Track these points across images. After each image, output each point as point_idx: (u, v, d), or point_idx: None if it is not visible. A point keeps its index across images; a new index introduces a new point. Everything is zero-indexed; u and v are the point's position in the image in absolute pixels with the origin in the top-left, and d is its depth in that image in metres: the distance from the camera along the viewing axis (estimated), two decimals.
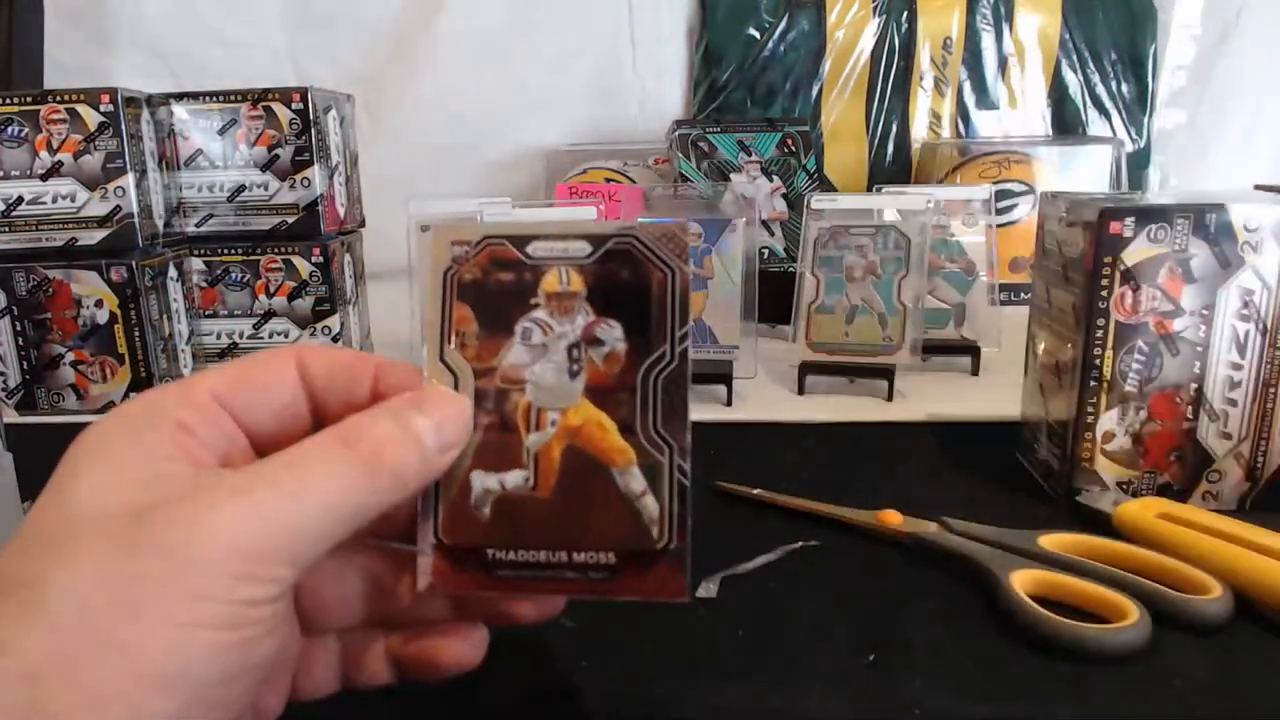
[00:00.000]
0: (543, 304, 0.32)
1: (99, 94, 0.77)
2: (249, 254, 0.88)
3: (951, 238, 0.88)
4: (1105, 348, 0.53)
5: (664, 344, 0.31)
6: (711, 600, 0.47)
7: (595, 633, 0.44)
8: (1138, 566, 0.46)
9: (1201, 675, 0.40)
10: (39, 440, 0.74)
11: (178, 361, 0.84)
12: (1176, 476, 0.55)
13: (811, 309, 0.81)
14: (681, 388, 0.32)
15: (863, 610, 0.46)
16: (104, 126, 0.77)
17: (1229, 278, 0.52)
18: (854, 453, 0.69)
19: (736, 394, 0.78)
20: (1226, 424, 0.54)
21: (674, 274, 0.31)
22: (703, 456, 0.67)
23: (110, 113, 0.77)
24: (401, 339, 0.94)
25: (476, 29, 1.32)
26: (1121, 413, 0.54)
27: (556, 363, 0.32)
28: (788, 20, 1.28)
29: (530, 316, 0.32)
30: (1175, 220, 0.51)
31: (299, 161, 0.86)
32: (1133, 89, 1.28)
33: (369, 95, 1.30)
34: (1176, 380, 0.53)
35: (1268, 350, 0.52)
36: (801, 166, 1.06)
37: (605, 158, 1.24)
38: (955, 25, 1.28)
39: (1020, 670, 0.41)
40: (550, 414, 0.32)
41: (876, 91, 1.30)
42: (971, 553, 0.48)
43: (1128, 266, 0.52)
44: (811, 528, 0.54)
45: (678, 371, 0.31)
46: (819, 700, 0.39)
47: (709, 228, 0.80)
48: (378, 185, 1.05)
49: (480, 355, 0.32)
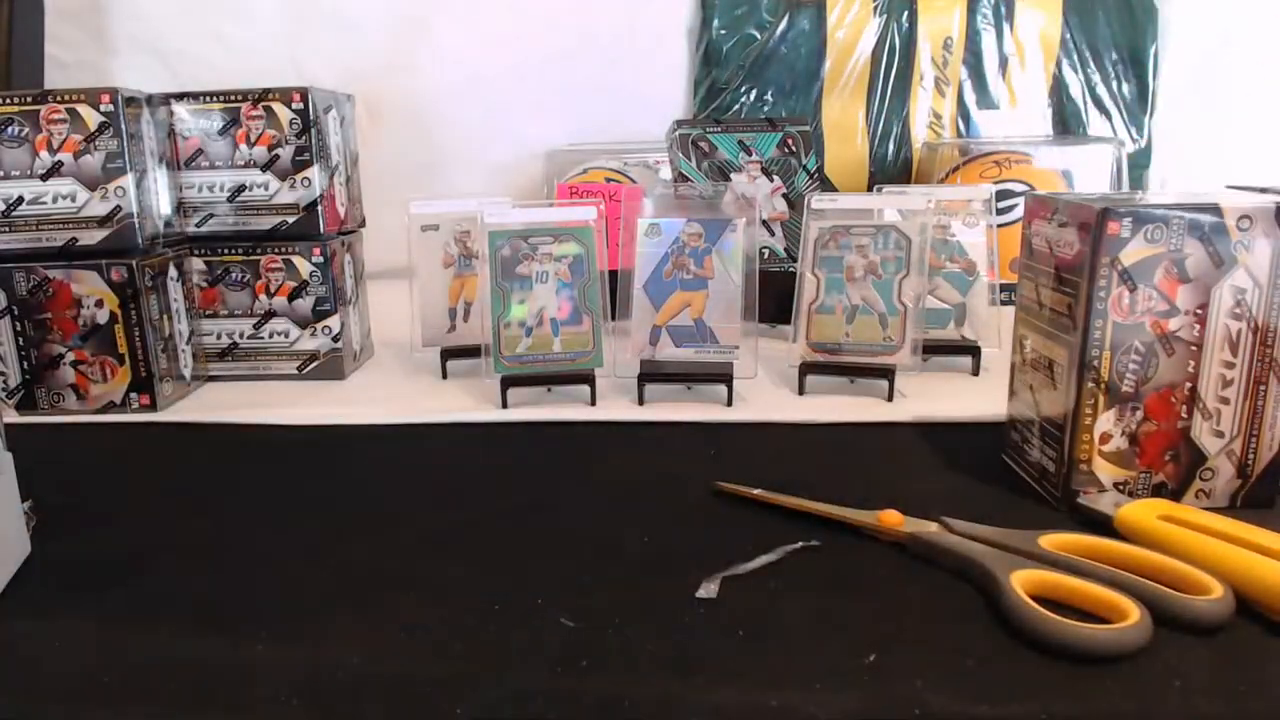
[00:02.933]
0: None
1: (99, 94, 0.77)
2: (249, 254, 0.88)
3: (952, 238, 0.88)
4: (1103, 349, 0.53)
5: None
6: (711, 600, 0.47)
7: (595, 633, 0.44)
8: (1138, 567, 0.46)
9: (1201, 675, 0.40)
10: (39, 440, 0.74)
11: (178, 361, 0.84)
12: (1171, 475, 0.55)
13: (811, 309, 0.81)
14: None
15: (863, 610, 0.46)
16: (104, 126, 0.77)
17: (1222, 277, 0.52)
18: (854, 453, 0.69)
19: (736, 394, 0.78)
20: (1219, 422, 0.54)
21: None
22: (703, 456, 0.68)
23: (110, 113, 0.77)
24: (402, 339, 0.94)
25: (476, 29, 1.32)
26: (1119, 414, 0.54)
27: None
28: (788, 20, 1.28)
29: None
30: (1171, 220, 0.51)
31: (299, 161, 0.86)
32: (1133, 89, 1.28)
33: (369, 95, 1.30)
34: (1171, 380, 0.53)
35: (1259, 348, 0.53)
36: (802, 166, 1.06)
37: (605, 158, 1.24)
38: (956, 25, 1.28)
39: (1020, 670, 0.41)
40: None
41: (876, 91, 1.30)
42: (972, 553, 0.48)
43: (1125, 267, 0.52)
44: (811, 528, 0.54)
45: None
46: (819, 700, 0.39)
47: (709, 228, 0.80)
48: (378, 185, 1.05)
49: None
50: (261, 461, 0.70)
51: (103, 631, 0.46)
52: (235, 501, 0.62)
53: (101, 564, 0.53)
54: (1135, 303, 0.52)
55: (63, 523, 0.57)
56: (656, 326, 0.80)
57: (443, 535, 0.56)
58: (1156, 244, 0.51)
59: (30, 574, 0.51)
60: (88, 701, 0.40)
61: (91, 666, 0.42)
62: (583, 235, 0.79)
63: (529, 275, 0.79)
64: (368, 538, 0.56)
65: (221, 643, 0.44)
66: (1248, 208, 0.51)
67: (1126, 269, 0.52)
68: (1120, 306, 0.52)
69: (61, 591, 0.50)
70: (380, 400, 0.84)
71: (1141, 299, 0.52)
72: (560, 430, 0.75)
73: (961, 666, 0.41)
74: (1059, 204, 0.56)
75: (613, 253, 0.86)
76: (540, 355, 0.79)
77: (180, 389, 0.85)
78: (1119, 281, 0.52)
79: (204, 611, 0.48)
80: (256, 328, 0.90)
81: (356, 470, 0.68)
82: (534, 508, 0.59)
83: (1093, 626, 0.42)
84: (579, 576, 0.50)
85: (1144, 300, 0.52)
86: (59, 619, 0.47)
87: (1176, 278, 0.52)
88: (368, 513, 0.60)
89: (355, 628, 0.45)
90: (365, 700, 0.40)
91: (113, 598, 0.49)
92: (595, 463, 0.67)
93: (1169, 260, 0.52)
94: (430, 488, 0.64)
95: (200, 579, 0.51)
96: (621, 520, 0.57)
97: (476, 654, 0.43)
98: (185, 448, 0.74)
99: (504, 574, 0.50)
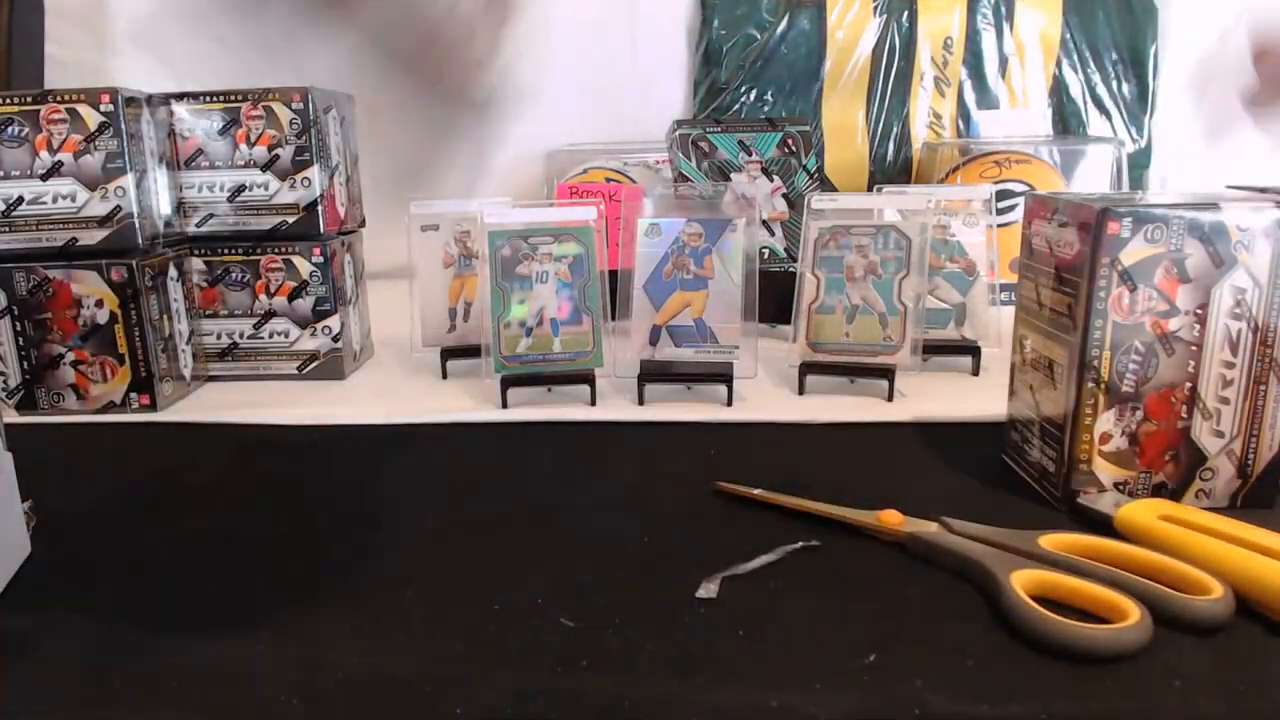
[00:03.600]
0: None
1: (99, 94, 0.77)
2: (249, 254, 0.88)
3: (952, 238, 0.88)
4: (1103, 349, 0.53)
5: None
6: (711, 600, 0.47)
7: (595, 633, 0.44)
8: (1138, 567, 0.46)
9: (1201, 675, 0.40)
10: (39, 440, 0.74)
11: (178, 361, 0.84)
12: (1171, 475, 0.55)
13: (811, 309, 0.81)
14: None
15: (863, 610, 0.46)
16: (104, 126, 0.77)
17: (1222, 277, 0.52)
18: (854, 453, 0.69)
19: (736, 394, 0.78)
20: (1219, 422, 0.54)
21: None
22: (703, 456, 0.68)
23: (110, 113, 0.77)
24: (402, 339, 0.94)
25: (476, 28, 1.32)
26: (1119, 414, 0.54)
27: None
28: (788, 20, 1.28)
29: None
30: (1171, 220, 0.51)
31: (299, 161, 0.86)
32: (1133, 89, 1.28)
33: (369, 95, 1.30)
34: (1172, 380, 0.53)
35: (1259, 348, 0.53)
36: (802, 166, 1.06)
37: (605, 158, 1.24)
38: (956, 25, 1.28)
39: (1020, 670, 0.41)
40: None
41: (877, 91, 1.30)
42: (972, 553, 0.48)
43: (1125, 267, 0.52)
44: (811, 528, 0.54)
45: None
46: (819, 700, 0.39)
47: (709, 228, 0.80)
48: (378, 185, 1.05)
49: None
50: (261, 461, 0.70)
51: (102, 631, 0.46)
52: (235, 501, 0.62)
53: (101, 564, 0.53)
54: (1135, 303, 0.52)
55: (63, 523, 0.57)
56: (656, 326, 0.80)
57: (442, 535, 0.56)
58: (1157, 244, 0.51)
59: (30, 574, 0.51)
60: (88, 701, 0.40)
61: (91, 666, 0.42)
62: (583, 235, 0.79)
63: (529, 275, 0.79)
64: (367, 537, 0.56)
65: (221, 643, 0.44)
66: (1248, 208, 0.51)
67: (1126, 269, 0.52)
68: (1120, 306, 0.52)
69: (61, 591, 0.50)
70: (380, 400, 0.84)
71: (1141, 299, 0.52)
72: (560, 430, 0.75)
73: (961, 666, 0.41)
74: (1059, 204, 0.56)
75: (613, 253, 0.86)
76: (540, 355, 0.79)
77: (180, 389, 0.85)
78: (1119, 281, 0.52)
79: (204, 611, 0.48)
80: (256, 328, 0.90)
81: (356, 470, 0.68)
82: (534, 508, 0.59)
83: (1093, 626, 0.42)
84: (579, 576, 0.50)
85: (1144, 300, 0.52)
86: (59, 618, 0.47)
87: (1177, 278, 0.52)
88: (367, 512, 0.60)
89: (355, 628, 0.45)
90: (365, 700, 0.40)
91: (113, 597, 0.49)
92: (595, 463, 0.67)
93: (1169, 260, 0.52)
94: (430, 488, 0.64)
95: (200, 579, 0.51)
96: (621, 520, 0.57)
97: (476, 654, 0.43)
98: (185, 448, 0.74)
99: (504, 574, 0.50)
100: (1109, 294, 0.52)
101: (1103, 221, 0.51)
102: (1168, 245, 0.51)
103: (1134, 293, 0.52)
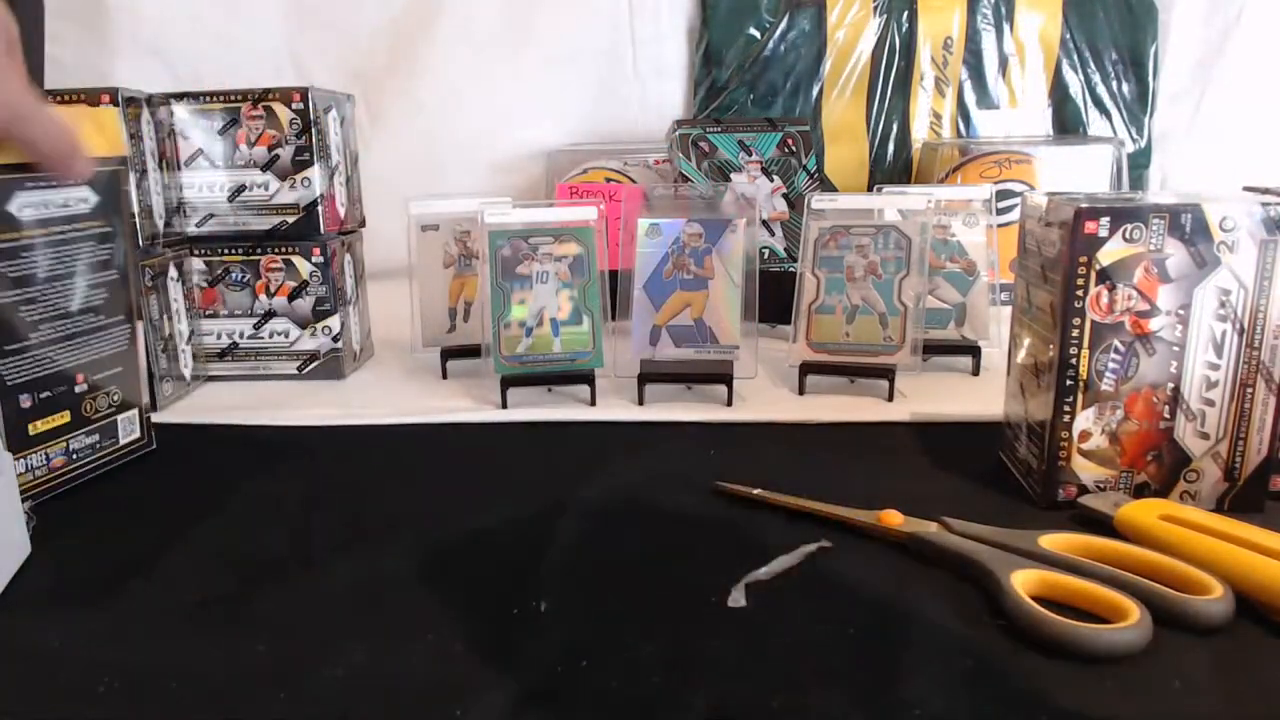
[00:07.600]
0: None
1: (99, 94, 0.77)
2: (249, 254, 0.88)
3: (952, 238, 0.88)
4: (1081, 347, 0.53)
5: None
6: (711, 600, 0.47)
7: (595, 632, 0.44)
8: (1138, 567, 0.46)
9: (1201, 675, 0.40)
10: None
11: (178, 361, 0.84)
12: (1154, 476, 0.55)
13: (811, 309, 0.81)
14: None
15: (863, 610, 0.46)
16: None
17: (1205, 278, 0.52)
18: (854, 453, 0.69)
19: (736, 394, 0.78)
20: (1204, 424, 0.54)
21: None
22: (703, 456, 0.68)
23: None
24: (402, 339, 0.94)
25: (476, 29, 1.32)
26: (1098, 412, 0.54)
27: None
28: (788, 20, 1.28)
29: None
30: (1151, 220, 0.51)
31: (299, 161, 0.86)
32: (1133, 89, 1.28)
33: (369, 95, 1.30)
34: (1153, 380, 0.53)
35: (1245, 350, 0.52)
36: (802, 166, 1.06)
37: (605, 158, 1.24)
38: (955, 25, 1.28)
39: (1020, 670, 0.41)
40: None
41: (877, 91, 1.30)
42: (972, 553, 0.48)
43: (1103, 266, 0.51)
44: (812, 528, 0.54)
45: None
46: (819, 700, 0.39)
47: (709, 228, 0.80)
48: (378, 185, 1.05)
49: None
50: (261, 461, 0.70)
51: (103, 632, 0.46)
52: (235, 502, 0.62)
53: (102, 564, 0.53)
54: (1115, 302, 0.52)
55: (63, 523, 0.57)
56: (656, 326, 0.80)
57: (442, 535, 0.56)
58: (1136, 244, 0.51)
59: (31, 574, 0.51)
60: (88, 701, 0.40)
61: (92, 667, 0.42)
62: (583, 235, 0.79)
63: (529, 275, 0.79)
64: (367, 537, 0.56)
65: (222, 643, 0.44)
66: (1231, 208, 0.51)
67: (1105, 268, 0.51)
68: (1099, 305, 0.52)
69: (61, 591, 0.50)
70: (380, 400, 0.84)
71: (1121, 298, 0.52)
72: (560, 430, 0.75)
73: (961, 666, 0.41)
74: (1045, 203, 0.56)
75: (613, 253, 0.86)
76: (540, 355, 0.79)
77: (180, 389, 0.85)
78: (1097, 280, 0.52)
79: (204, 612, 0.48)
80: (256, 328, 0.90)
81: (356, 470, 0.68)
82: (534, 508, 0.59)
83: (1093, 626, 0.42)
84: (579, 576, 0.50)
85: (1123, 299, 0.52)
86: (59, 619, 0.47)
87: (1157, 277, 0.52)
88: (367, 512, 0.60)
89: (355, 628, 0.45)
90: (365, 701, 0.40)
91: (112, 598, 0.49)
92: (595, 463, 0.67)
93: (1149, 260, 0.51)
94: (430, 488, 0.64)
95: (200, 579, 0.51)
96: (621, 520, 0.57)
97: (476, 654, 0.43)
98: (185, 448, 0.74)
99: (504, 574, 0.50)
100: (1087, 292, 0.52)
101: (1080, 220, 0.51)
102: (1148, 245, 0.51)
103: (1113, 292, 0.52)
